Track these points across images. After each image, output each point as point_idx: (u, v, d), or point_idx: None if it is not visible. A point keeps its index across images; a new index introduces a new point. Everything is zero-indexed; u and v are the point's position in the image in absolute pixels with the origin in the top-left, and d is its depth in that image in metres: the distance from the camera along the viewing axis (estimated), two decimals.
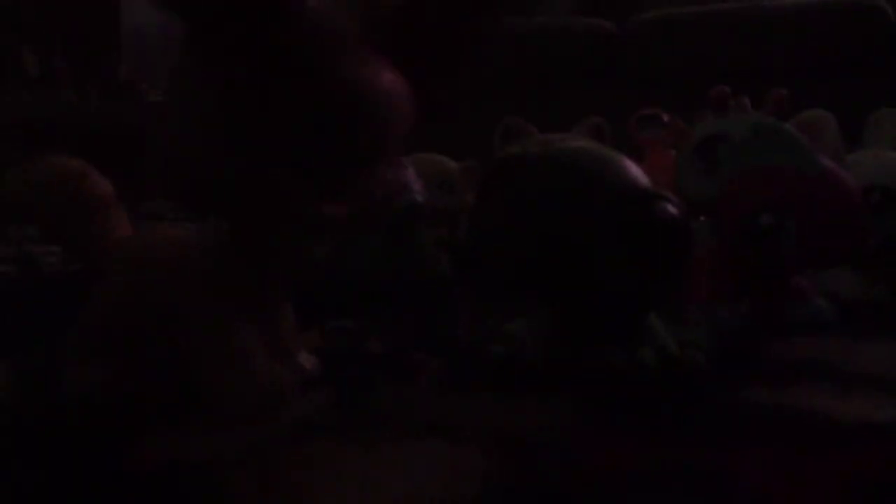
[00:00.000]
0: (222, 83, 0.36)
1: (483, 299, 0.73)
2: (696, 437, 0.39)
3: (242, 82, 0.35)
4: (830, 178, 0.64)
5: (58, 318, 0.69)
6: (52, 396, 0.45)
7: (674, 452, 0.36)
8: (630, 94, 1.70)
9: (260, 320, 0.40)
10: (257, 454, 0.35)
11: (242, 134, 0.35)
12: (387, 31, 0.39)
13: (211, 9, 0.35)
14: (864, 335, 0.62)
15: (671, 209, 0.47)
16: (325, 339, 0.58)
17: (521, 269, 0.48)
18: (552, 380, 0.48)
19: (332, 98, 0.36)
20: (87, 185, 0.43)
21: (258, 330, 0.40)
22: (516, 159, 0.49)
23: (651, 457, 0.36)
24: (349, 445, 0.36)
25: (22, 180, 0.44)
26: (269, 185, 0.36)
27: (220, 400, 0.39)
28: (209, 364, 0.39)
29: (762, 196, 0.64)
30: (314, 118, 0.36)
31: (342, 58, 0.37)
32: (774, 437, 0.39)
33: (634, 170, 0.49)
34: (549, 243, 0.46)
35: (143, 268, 0.41)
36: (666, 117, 1.05)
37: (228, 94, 0.35)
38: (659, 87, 1.79)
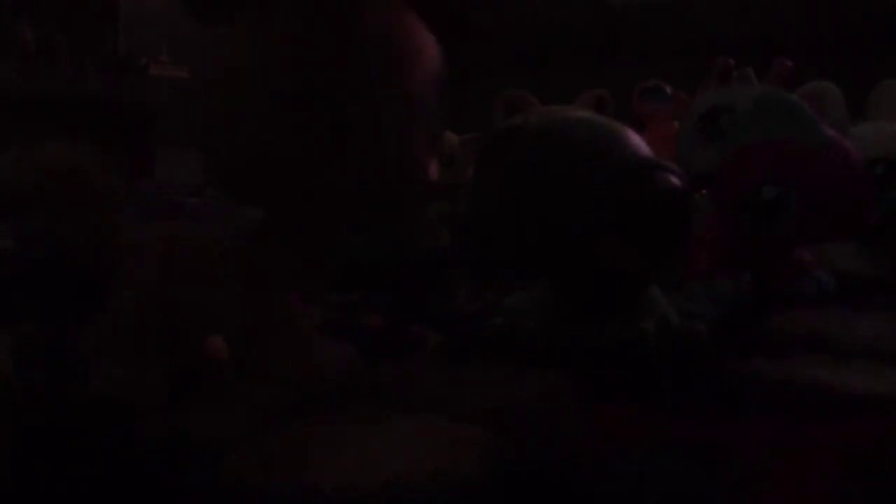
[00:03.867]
0: (269, 53, 0.34)
1: (483, 273, 0.73)
2: (696, 409, 0.39)
3: (290, 51, 0.34)
4: (834, 150, 0.64)
5: (57, 293, 0.69)
6: (53, 371, 0.45)
7: (674, 424, 0.36)
8: (633, 66, 1.69)
9: (305, 306, 0.40)
10: (257, 430, 0.35)
11: (291, 109, 0.34)
12: None
13: None
14: (865, 308, 0.62)
15: (673, 179, 0.46)
16: (325, 313, 0.58)
17: (520, 241, 0.48)
18: (552, 353, 0.48)
19: (374, 57, 0.35)
20: (89, 176, 0.40)
21: (300, 317, 0.39)
22: (516, 130, 0.48)
23: (651, 429, 0.36)
24: (348, 421, 0.36)
25: (16, 170, 0.40)
26: (319, 162, 0.35)
27: (282, 386, 0.38)
28: (272, 352, 0.38)
29: (765, 168, 0.64)
30: (354, 83, 0.34)
31: (384, 17, 0.36)
32: (774, 408, 0.39)
33: (636, 140, 0.48)
34: (549, 215, 0.46)
35: (181, 261, 0.39)
36: (669, 89, 1.05)
37: (276, 67, 0.34)
38: (662, 59, 1.78)
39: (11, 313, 0.61)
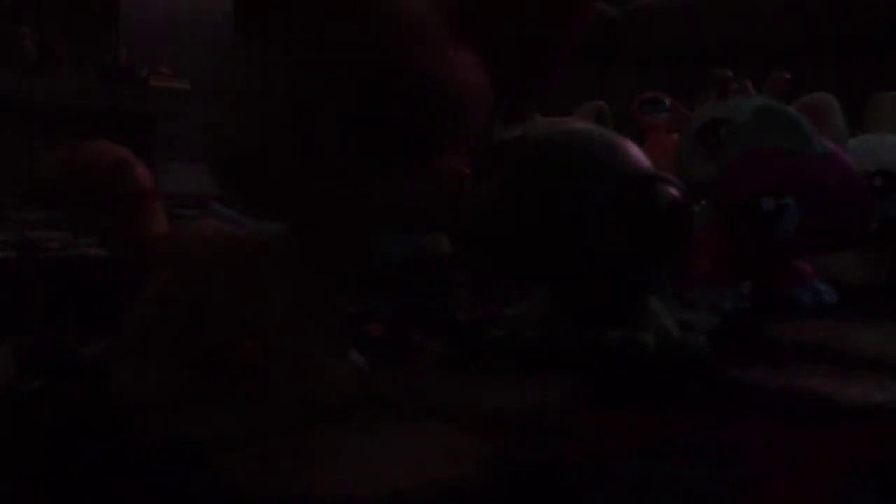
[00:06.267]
0: (293, 66, 0.34)
1: (483, 281, 0.73)
2: (697, 418, 0.39)
3: (314, 64, 0.34)
4: (833, 161, 0.64)
5: (58, 303, 0.70)
6: (51, 377, 0.45)
7: (674, 432, 0.36)
8: (632, 77, 1.69)
9: (322, 317, 0.39)
10: (256, 437, 0.35)
11: (313, 123, 0.34)
12: (471, 20, 0.37)
13: None
14: (865, 318, 0.62)
15: (672, 191, 0.46)
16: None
17: (520, 250, 0.48)
18: (552, 362, 0.48)
19: (408, 84, 0.34)
20: (134, 174, 0.41)
21: (321, 327, 0.39)
22: (516, 141, 0.49)
23: (651, 437, 0.36)
24: (348, 428, 0.36)
25: (64, 164, 0.40)
26: (342, 176, 0.34)
27: (287, 399, 0.38)
28: (279, 362, 0.38)
29: (764, 179, 0.64)
30: (386, 103, 0.33)
31: (420, 41, 0.34)
32: (774, 417, 0.39)
33: (636, 152, 0.49)
34: (549, 225, 0.46)
35: (203, 264, 0.39)
36: (668, 101, 1.05)
37: (298, 79, 0.34)
38: (661, 70, 1.79)
39: (14, 320, 0.61)
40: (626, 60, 1.96)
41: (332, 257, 0.39)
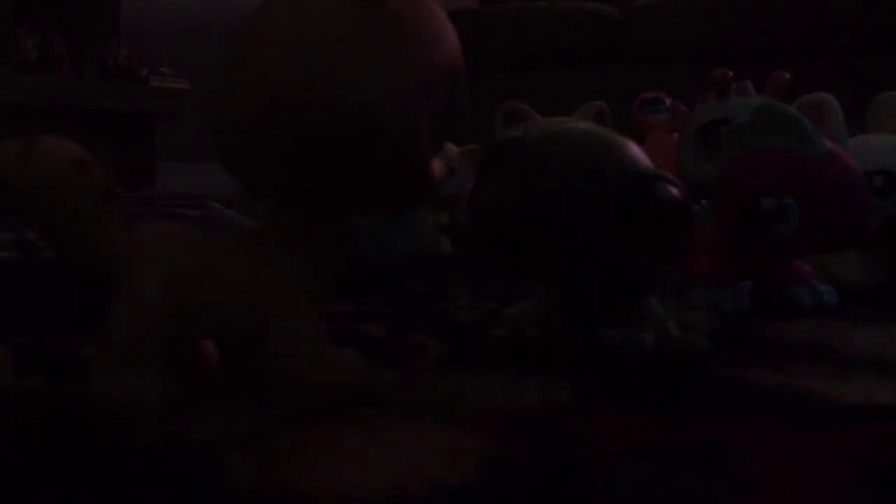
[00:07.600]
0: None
1: (483, 281, 0.73)
2: (696, 417, 0.39)
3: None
4: (833, 161, 0.64)
5: (57, 303, 0.70)
6: (51, 377, 0.45)
7: (674, 432, 0.36)
8: (632, 77, 1.69)
9: (314, 309, 0.39)
10: (256, 436, 0.35)
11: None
12: None
13: None
14: (865, 318, 0.62)
15: (672, 190, 0.46)
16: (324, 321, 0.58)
17: (521, 251, 0.48)
18: (551, 362, 0.48)
19: (389, 42, 0.35)
20: (88, 174, 0.38)
21: (316, 319, 0.39)
22: (516, 141, 0.49)
23: (651, 437, 0.36)
24: (348, 428, 0.36)
25: (10, 164, 0.36)
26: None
27: (300, 391, 0.38)
28: (292, 355, 0.38)
29: (764, 179, 0.64)
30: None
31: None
32: (774, 417, 0.39)
33: (636, 151, 0.49)
34: (549, 224, 0.46)
35: (186, 266, 0.38)
36: (668, 101, 1.05)
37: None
38: (661, 70, 1.79)
39: (11, 322, 0.61)
40: (626, 60, 1.97)
41: (318, 249, 0.39)
